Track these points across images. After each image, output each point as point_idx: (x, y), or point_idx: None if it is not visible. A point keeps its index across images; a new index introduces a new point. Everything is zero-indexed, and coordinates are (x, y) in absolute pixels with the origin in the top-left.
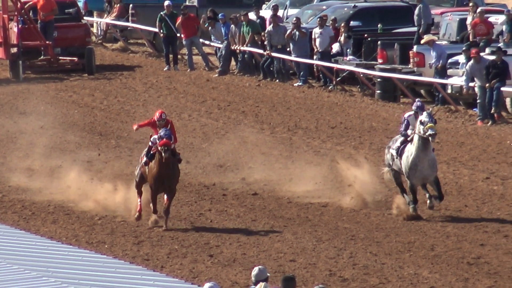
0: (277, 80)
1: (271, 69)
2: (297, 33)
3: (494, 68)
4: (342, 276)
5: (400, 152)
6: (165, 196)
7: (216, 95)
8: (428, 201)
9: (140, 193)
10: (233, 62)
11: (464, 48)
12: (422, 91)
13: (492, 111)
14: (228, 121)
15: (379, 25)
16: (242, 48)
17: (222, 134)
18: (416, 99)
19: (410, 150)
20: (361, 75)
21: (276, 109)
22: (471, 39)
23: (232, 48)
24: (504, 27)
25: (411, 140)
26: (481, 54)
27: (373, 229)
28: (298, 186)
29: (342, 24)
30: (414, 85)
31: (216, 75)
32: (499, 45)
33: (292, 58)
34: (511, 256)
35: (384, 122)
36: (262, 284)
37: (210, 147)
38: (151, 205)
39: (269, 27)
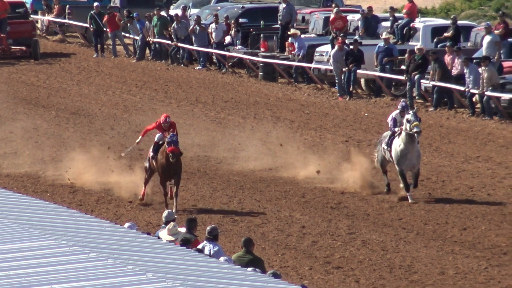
0: (182, 65)
1: (177, 56)
2: (198, 28)
3: (352, 56)
4: (233, 218)
5: (389, 144)
6: (172, 185)
7: (134, 76)
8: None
9: (146, 183)
10: (147, 51)
11: (331, 38)
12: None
13: (351, 89)
14: (144, 97)
15: (261, 22)
16: (154, 40)
17: (139, 107)
18: (401, 100)
19: (399, 142)
20: (248, 61)
21: (181, 87)
22: (332, 33)
23: (147, 39)
24: (359, 23)
25: (399, 134)
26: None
27: (257, 181)
28: (199, 147)
29: (233, 21)
30: (289, 69)
31: (134, 60)
32: (355, 37)
33: (194, 47)
34: (365, 202)
35: (266, 97)
36: (171, 223)
37: (129, 117)
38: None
39: (174, 23)
